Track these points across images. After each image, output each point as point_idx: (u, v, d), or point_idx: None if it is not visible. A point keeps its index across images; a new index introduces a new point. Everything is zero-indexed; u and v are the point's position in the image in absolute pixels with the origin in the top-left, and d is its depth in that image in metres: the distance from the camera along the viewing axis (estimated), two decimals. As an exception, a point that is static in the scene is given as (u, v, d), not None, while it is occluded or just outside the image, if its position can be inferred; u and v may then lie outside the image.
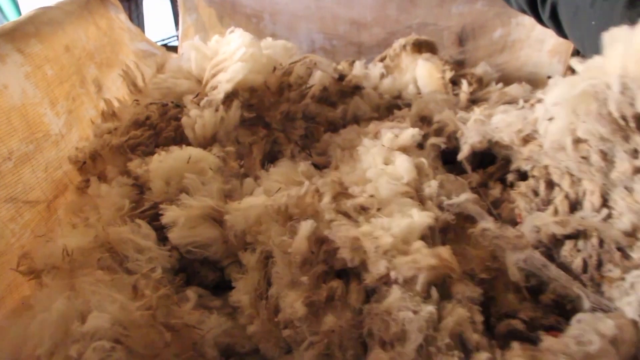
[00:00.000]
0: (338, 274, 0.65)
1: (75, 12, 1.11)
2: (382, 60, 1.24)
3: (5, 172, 0.79)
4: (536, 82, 1.30)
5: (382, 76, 1.13)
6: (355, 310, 0.62)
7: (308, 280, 0.61)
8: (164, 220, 0.73)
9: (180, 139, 0.92)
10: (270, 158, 0.93)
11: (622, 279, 0.59)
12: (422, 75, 1.11)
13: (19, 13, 6.27)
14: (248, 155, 0.90)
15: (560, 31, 1.00)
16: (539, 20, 1.10)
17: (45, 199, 0.87)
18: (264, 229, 0.70)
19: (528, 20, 1.38)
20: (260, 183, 0.82)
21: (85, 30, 1.12)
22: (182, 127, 0.91)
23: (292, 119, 1.00)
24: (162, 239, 0.75)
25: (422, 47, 1.19)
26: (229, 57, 0.95)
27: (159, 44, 1.46)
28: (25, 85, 0.89)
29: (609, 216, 0.63)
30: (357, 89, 1.06)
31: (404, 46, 1.19)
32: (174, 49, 1.47)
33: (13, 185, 0.80)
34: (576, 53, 1.32)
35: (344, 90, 1.06)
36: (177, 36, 1.48)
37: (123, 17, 1.25)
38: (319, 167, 0.90)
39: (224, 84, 0.94)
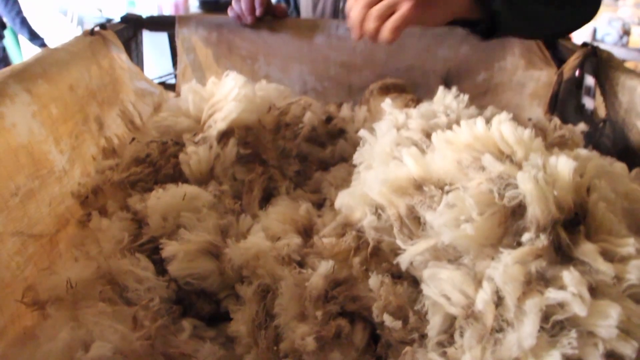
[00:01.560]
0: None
1: (80, 52, 1.17)
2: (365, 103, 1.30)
3: (12, 207, 0.83)
4: (518, 123, 1.37)
5: (365, 120, 1.19)
6: (359, 350, 0.66)
7: (321, 316, 0.66)
8: (164, 253, 0.77)
9: (179, 176, 0.96)
10: (265, 194, 0.98)
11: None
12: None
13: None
14: (245, 192, 0.95)
15: None
16: None
17: (48, 233, 0.90)
18: (262, 263, 0.74)
19: (510, 65, 1.45)
20: (259, 221, 0.86)
21: (89, 70, 1.17)
22: (180, 166, 0.96)
23: (287, 155, 1.05)
24: (160, 271, 0.80)
25: (390, 89, 1.26)
26: (224, 97, 1.01)
27: (157, 81, 1.52)
28: (32, 124, 0.93)
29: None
30: (341, 132, 1.13)
31: (372, 91, 1.26)
32: (171, 86, 1.52)
33: (19, 220, 0.84)
34: (555, 97, 1.39)
35: (331, 132, 1.13)
36: (175, 74, 1.54)
37: (124, 56, 1.30)
38: (315, 204, 0.95)
39: (219, 122, 1.00)
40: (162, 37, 1.72)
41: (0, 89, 0.90)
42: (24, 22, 5.24)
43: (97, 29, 1.29)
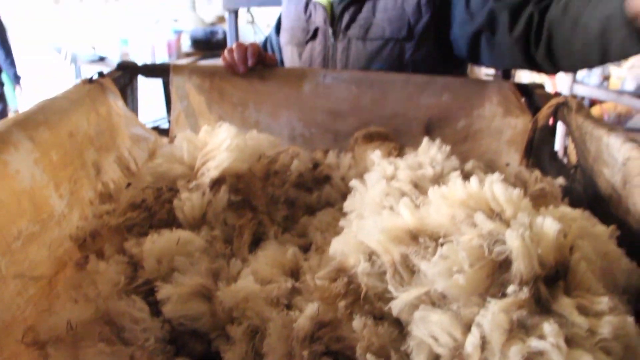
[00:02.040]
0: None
1: (79, 100, 1.23)
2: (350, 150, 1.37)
3: (15, 250, 0.88)
4: (495, 168, 1.44)
5: (350, 167, 1.26)
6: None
7: (307, 356, 0.71)
8: (159, 296, 0.82)
9: (172, 221, 1.02)
10: (255, 238, 1.04)
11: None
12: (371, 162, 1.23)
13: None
14: (236, 237, 1.01)
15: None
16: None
17: (47, 275, 0.95)
18: (251, 305, 0.80)
19: (488, 112, 1.52)
20: (249, 265, 0.92)
21: (87, 117, 1.23)
22: (174, 211, 1.01)
23: (275, 202, 1.12)
24: (155, 312, 0.84)
25: (374, 137, 1.33)
26: (217, 147, 1.08)
27: (151, 125, 1.58)
28: (34, 170, 0.99)
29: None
30: (327, 178, 1.19)
31: (356, 139, 1.33)
32: (164, 131, 1.58)
33: (21, 263, 0.89)
34: (530, 144, 1.46)
35: (317, 178, 1.19)
36: (169, 120, 1.60)
37: (120, 103, 1.37)
38: (301, 248, 1.01)
39: (211, 170, 1.06)
40: (157, 81, 1.78)
41: (5, 137, 0.95)
42: (12, 63, 5.34)
43: (95, 77, 1.36)
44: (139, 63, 1.58)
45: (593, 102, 5.54)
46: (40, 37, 6.18)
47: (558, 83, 5.48)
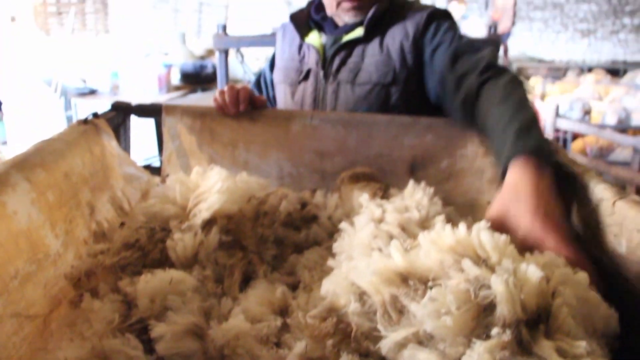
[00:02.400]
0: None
1: (74, 141, 1.27)
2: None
3: (12, 290, 0.91)
4: (478, 207, 1.49)
5: (337, 206, 1.30)
6: None
7: None
8: (153, 334, 0.85)
9: (165, 260, 1.05)
10: (245, 277, 1.08)
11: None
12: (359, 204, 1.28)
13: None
14: (227, 276, 1.04)
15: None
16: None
17: (42, 314, 0.98)
18: (242, 343, 0.83)
19: (470, 152, 1.58)
20: (239, 303, 0.95)
21: (82, 158, 1.26)
22: (167, 250, 1.05)
23: (265, 241, 1.16)
24: (148, 350, 0.87)
25: (359, 177, 1.38)
26: (208, 189, 1.13)
27: (143, 163, 1.62)
28: (31, 211, 1.02)
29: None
30: (315, 217, 1.24)
31: (343, 179, 1.38)
32: (156, 169, 1.62)
33: (17, 302, 0.92)
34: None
35: (305, 217, 1.24)
36: (160, 158, 1.64)
37: (114, 143, 1.41)
38: (290, 286, 1.04)
39: (203, 211, 1.11)
40: (148, 120, 1.83)
41: (4, 179, 0.99)
42: None
43: (90, 117, 1.40)
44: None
45: (576, 136, 5.65)
46: (31, 69, 6.22)
47: (541, 118, 5.60)
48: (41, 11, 12.82)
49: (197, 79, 5.89)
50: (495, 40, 3.02)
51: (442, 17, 1.63)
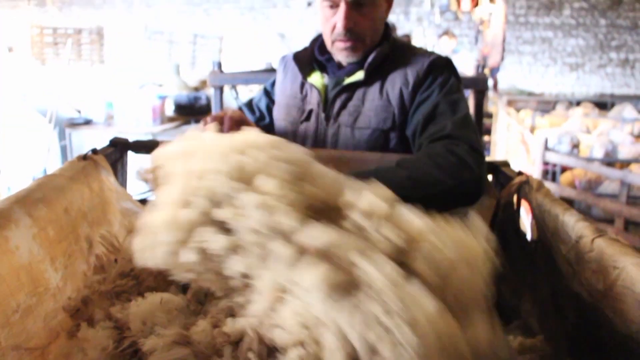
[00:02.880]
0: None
1: (74, 177, 1.31)
2: None
3: (14, 323, 0.94)
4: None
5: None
6: None
7: None
8: (145, 348, 0.89)
9: (158, 287, 1.09)
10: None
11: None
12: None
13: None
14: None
15: None
16: None
17: (41, 345, 1.01)
18: None
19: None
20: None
21: (81, 193, 1.31)
22: (162, 276, 1.09)
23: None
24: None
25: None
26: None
27: (139, 197, 1.66)
28: (32, 245, 1.06)
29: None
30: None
31: None
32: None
33: (18, 335, 0.95)
34: (495, 220, 1.57)
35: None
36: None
37: (112, 179, 1.45)
38: None
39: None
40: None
41: (7, 214, 1.04)
42: None
43: (89, 153, 1.45)
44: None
45: (565, 168, 5.74)
46: (26, 99, 6.28)
47: (531, 150, 5.70)
48: (37, 41, 12.96)
49: (191, 110, 5.97)
50: (483, 80, 3.09)
51: (441, 68, 1.61)
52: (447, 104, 1.51)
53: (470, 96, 3.00)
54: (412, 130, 1.57)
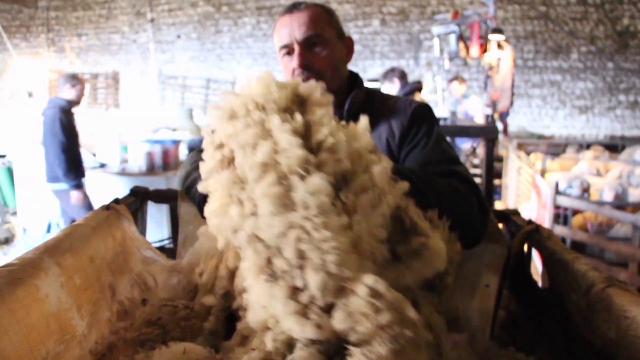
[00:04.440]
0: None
1: (98, 226, 1.36)
2: None
3: (43, 370, 0.98)
4: (476, 289, 1.56)
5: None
6: None
7: None
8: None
9: (184, 338, 1.13)
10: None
11: None
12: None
13: (12, 183, 6.50)
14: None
15: None
16: None
17: (68, 392, 1.04)
18: None
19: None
20: None
21: (105, 242, 1.35)
22: (189, 328, 1.13)
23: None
24: None
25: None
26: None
27: (157, 245, 1.70)
28: (60, 294, 1.10)
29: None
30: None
31: None
32: (170, 251, 1.71)
33: (47, 382, 0.99)
34: (507, 267, 1.59)
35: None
36: (173, 241, 1.73)
37: (133, 228, 1.50)
38: None
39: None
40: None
41: (37, 263, 1.08)
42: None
43: (111, 203, 1.50)
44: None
45: (576, 211, 5.73)
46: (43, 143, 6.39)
47: (542, 194, 5.71)
48: (55, 86, 13.24)
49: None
50: (493, 129, 3.14)
51: (423, 116, 1.63)
52: (439, 152, 1.55)
53: (480, 144, 3.05)
54: None
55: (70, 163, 4.84)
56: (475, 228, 1.41)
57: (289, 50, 1.56)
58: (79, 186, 4.95)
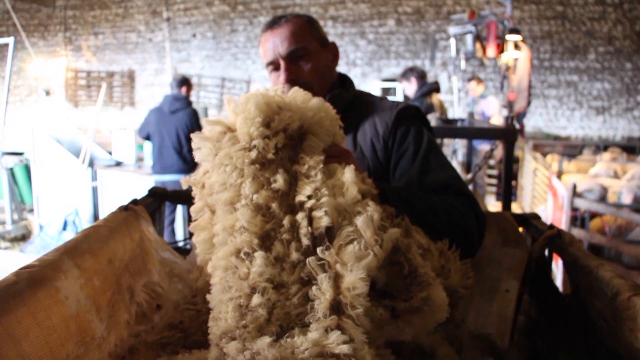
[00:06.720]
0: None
1: (117, 228, 1.36)
2: None
3: (63, 372, 0.98)
4: (495, 294, 1.54)
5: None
6: None
7: None
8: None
9: (206, 342, 1.11)
10: None
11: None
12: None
13: (29, 180, 6.57)
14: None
15: None
16: None
17: (87, 394, 1.04)
18: None
19: (488, 243, 1.64)
20: None
21: (123, 244, 1.35)
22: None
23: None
24: None
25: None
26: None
27: (174, 246, 1.70)
28: (79, 296, 1.10)
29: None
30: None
31: None
32: (187, 252, 1.70)
33: (68, 385, 0.98)
34: (527, 272, 1.57)
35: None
36: (190, 242, 1.72)
37: (151, 229, 1.50)
38: None
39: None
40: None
41: (57, 265, 1.08)
42: None
43: (130, 204, 1.50)
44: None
45: (594, 215, 5.67)
46: (61, 141, 6.46)
47: (559, 196, 5.66)
48: (72, 84, 13.37)
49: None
50: (512, 131, 3.10)
51: (409, 118, 1.60)
52: (431, 161, 1.51)
53: (499, 147, 3.02)
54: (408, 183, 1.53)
55: None
56: (473, 242, 1.41)
57: (275, 66, 1.57)
58: None
